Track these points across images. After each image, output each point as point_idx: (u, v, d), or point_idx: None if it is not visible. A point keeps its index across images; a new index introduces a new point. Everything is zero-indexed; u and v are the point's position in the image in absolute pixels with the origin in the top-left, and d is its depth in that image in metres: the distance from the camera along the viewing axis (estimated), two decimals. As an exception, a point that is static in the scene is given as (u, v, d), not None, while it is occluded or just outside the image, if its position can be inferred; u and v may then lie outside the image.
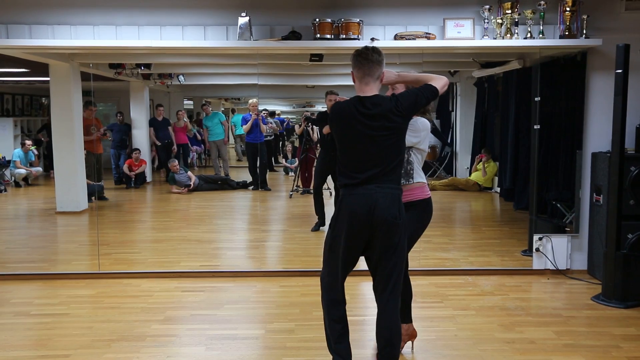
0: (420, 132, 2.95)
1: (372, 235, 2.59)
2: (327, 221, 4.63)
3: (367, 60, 2.62)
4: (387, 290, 2.66)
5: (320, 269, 2.82)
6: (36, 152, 8.85)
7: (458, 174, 8.29)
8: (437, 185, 8.09)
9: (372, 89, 2.63)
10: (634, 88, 4.17)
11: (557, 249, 4.70)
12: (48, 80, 6.43)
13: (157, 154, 9.29)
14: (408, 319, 3.17)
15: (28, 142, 8.72)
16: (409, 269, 3.10)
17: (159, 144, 9.05)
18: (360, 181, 2.57)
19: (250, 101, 8.64)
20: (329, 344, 2.80)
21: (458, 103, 8.10)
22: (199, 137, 9.83)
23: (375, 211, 2.54)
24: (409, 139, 2.81)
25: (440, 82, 2.73)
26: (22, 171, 8.65)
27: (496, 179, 7.70)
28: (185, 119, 9.42)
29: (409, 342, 3.22)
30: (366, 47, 2.67)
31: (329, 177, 6.15)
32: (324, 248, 2.77)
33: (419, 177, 3.02)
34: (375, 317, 2.74)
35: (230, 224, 7.13)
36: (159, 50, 4.81)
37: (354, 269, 2.78)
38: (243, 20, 4.30)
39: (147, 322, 3.64)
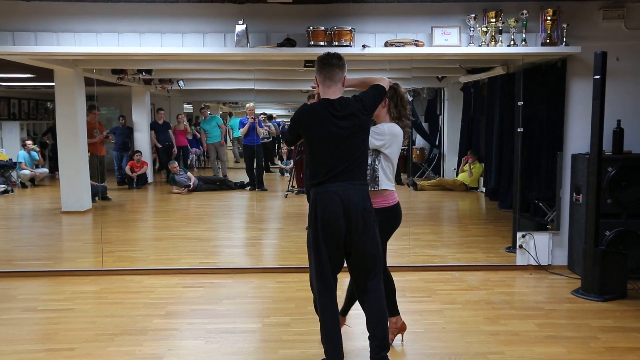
0: (385, 136, 2.98)
1: (349, 230, 2.67)
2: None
3: (328, 64, 2.74)
4: (370, 277, 2.77)
5: None
6: (38, 149, 8.86)
7: (445, 174, 8.44)
8: (425, 185, 8.18)
9: (335, 92, 2.75)
10: (611, 93, 4.26)
11: (539, 246, 4.82)
12: (53, 85, 6.49)
13: (158, 156, 9.37)
14: (395, 312, 3.23)
15: (28, 142, 8.74)
16: (387, 265, 3.15)
17: (160, 146, 9.13)
18: (332, 177, 2.67)
19: (247, 105, 8.72)
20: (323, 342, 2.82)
21: (445, 107, 8.22)
22: (198, 135, 9.90)
23: (350, 206, 2.65)
24: (372, 141, 2.89)
25: (384, 82, 2.90)
26: (27, 172, 8.70)
27: (482, 179, 7.82)
28: (185, 122, 9.50)
29: (399, 335, 3.26)
30: (328, 53, 2.79)
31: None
32: (308, 251, 2.78)
33: (385, 185, 3.01)
34: (361, 312, 2.86)
35: (228, 223, 7.18)
36: (160, 56, 4.88)
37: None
38: (240, 27, 4.38)
39: (148, 316, 3.72)
